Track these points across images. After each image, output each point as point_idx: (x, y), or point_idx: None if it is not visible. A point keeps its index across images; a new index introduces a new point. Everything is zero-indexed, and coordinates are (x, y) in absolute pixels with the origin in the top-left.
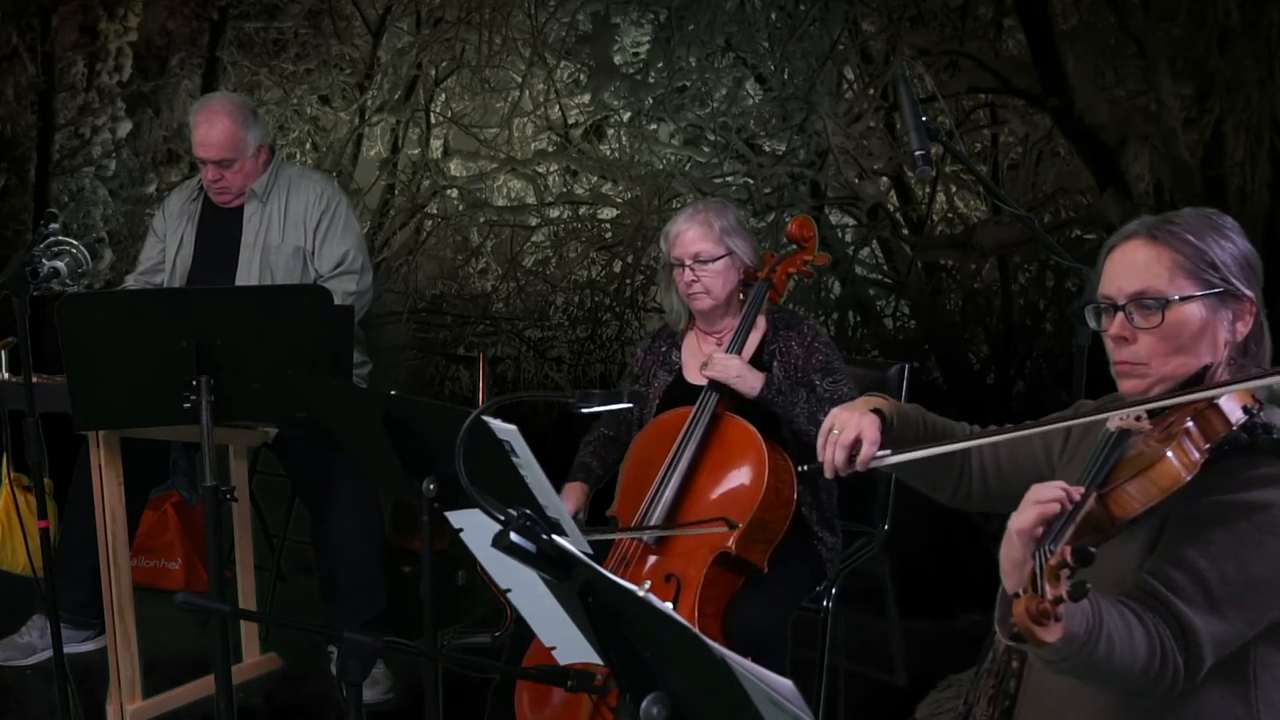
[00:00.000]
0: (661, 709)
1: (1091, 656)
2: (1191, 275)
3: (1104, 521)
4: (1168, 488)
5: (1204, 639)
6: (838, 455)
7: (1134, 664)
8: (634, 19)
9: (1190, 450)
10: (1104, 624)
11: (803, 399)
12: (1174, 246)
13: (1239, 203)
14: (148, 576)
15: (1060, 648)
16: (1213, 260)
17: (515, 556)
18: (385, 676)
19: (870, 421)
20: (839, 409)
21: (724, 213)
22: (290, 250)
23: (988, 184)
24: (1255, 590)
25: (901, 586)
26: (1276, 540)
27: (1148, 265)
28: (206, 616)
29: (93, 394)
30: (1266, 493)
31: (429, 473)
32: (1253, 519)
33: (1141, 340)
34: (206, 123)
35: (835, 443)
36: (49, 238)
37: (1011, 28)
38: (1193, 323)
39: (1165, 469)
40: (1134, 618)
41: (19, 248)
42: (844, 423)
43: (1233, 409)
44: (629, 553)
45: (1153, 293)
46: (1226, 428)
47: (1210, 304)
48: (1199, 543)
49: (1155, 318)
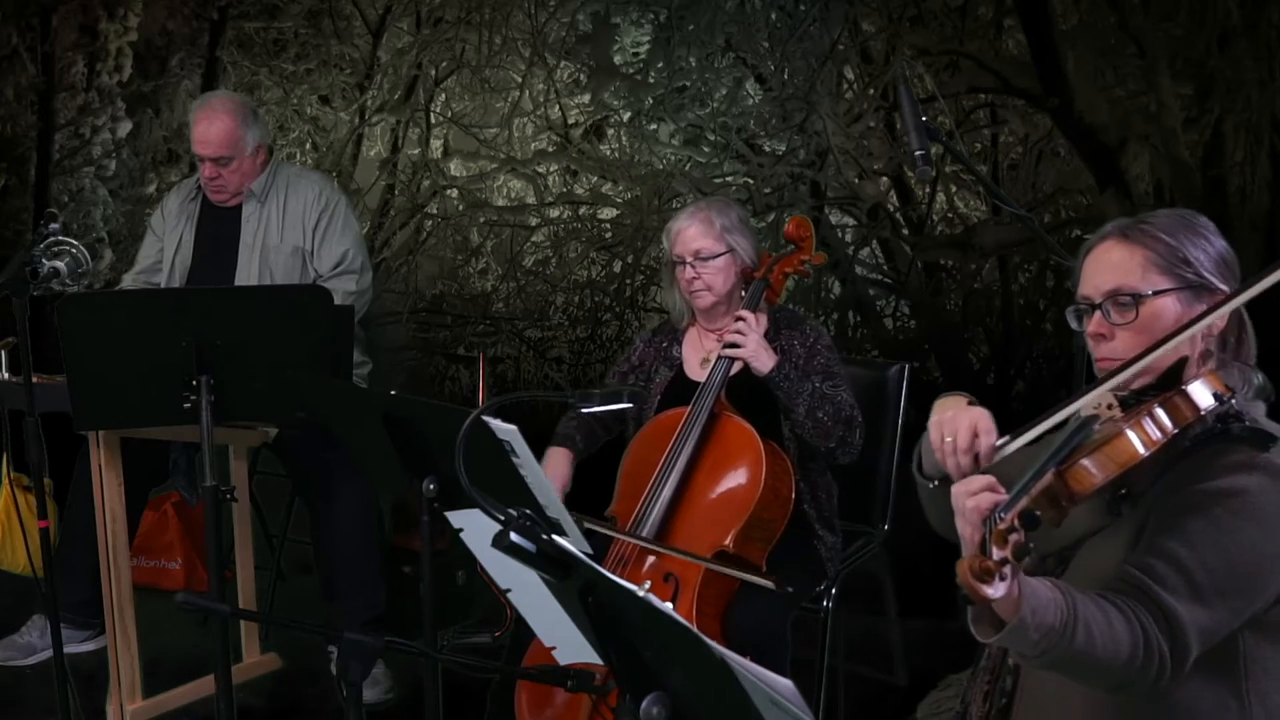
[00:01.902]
0: (661, 709)
1: (1070, 647)
2: (1164, 271)
3: (1062, 496)
4: (1124, 463)
5: (1189, 627)
6: (963, 462)
7: (1118, 654)
8: (634, 19)
9: (1151, 430)
10: (1079, 614)
11: (807, 390)
12: (1146, 244)
13: (1239, 203)
14: (148, 576)
15: (1037, 640)
16: (1185, 256)
17: (515, 556)
18: (385, 676)
19: (979, 413)
20: (935, 414)
21: (726, 211)
22: (289, 250)
23: (988, 184)
24: (1236, 577)
25: (901, 586)
26: (1252, 525)
27: (1121, 264)
28: (206, 616)
29: (93, 394)
30: (1240, 478)
31: (429, 473)
32: (1228, 505)
33: (1119, 336)
34: (206, 120)
35: (955, 450)
36: (49, 238)
37: (1011, 28)
38: (1167, 316)
39: (1122, 444)
40: (1113, 609)
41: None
42: (953, 426)
43: (1203, 395)
44: (628, 552)
45: (1127, 289)
46: (1195, 413)
47: (1184, 298)
48: (1178, 532)
49: (1130, 314)
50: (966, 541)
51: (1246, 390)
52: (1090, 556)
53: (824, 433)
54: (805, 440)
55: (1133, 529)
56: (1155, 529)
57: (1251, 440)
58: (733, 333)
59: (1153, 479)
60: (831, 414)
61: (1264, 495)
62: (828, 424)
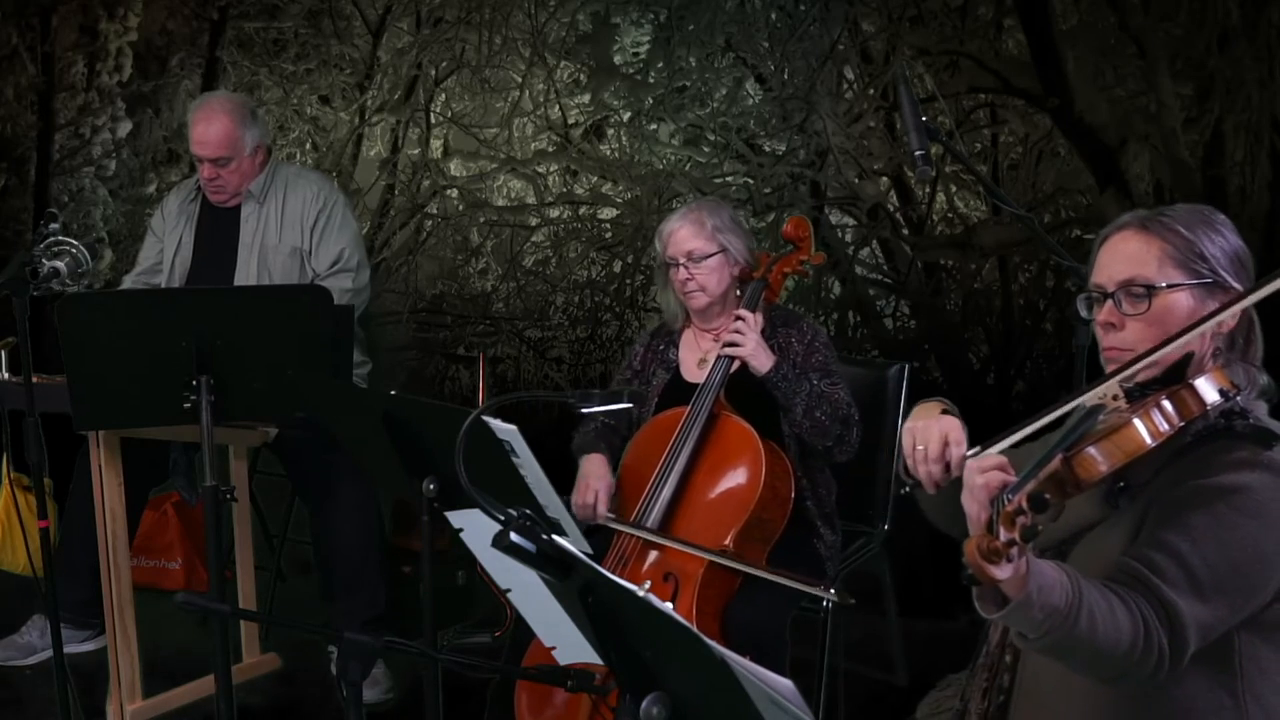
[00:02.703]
0: (661, 709)
1: (1073, 631)
2: (1180, 265)
3: (1068, 482)
4: (1131, 452)
5: (1188, 621)
6: (934, 470)
7: (1118, 643)
8: (634, 19)
9: (1159, 421)
10: (1084, 599)
11: (805, 390)
12: (1164, 237)
13: (1239, 203)
14: (148, 576)
15: (1041, 620)
16: (1202, 252)
17: (515, 556)
18: (385, 676)
19: (950, 423)
20: (910, 423)
21: (717, 211)
22: (288, 251)
23: (988, 184)
24: (1236, 573)
25: (901, 586)
26: (1254, 523)
27: (1137, 254)
28: (206, 616)
29: (93, 394)
30: (1243, 475)
31: (429, 473)
32: (1230, 502)
33: (1129, 327)
34: (205, 120)
35: (927, 459)
36: (49, 238)
37: (1011, 28)
38: (1179, 311)
39: (1129, 433)
40: (1116, 598)
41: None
42: (925, 435)
43: (1208, 390)
44: (627, 551)
45: (1141, 280)
46: (1201, 407)
47: (1198, 294)
48: (1180, 526)
49: (1143, 305)
50: (973, 520)
51: (1251, 389)
52: (1089, 549)
53: (822, 431)
54: (803, 438)
55: (1132, 522)
56: (1156, 522)
57: (1255, 438)
58: (732, 332)
59: (1152, 472)
60: (829, 413)
61: (1266, 492)
62: (825, 423)
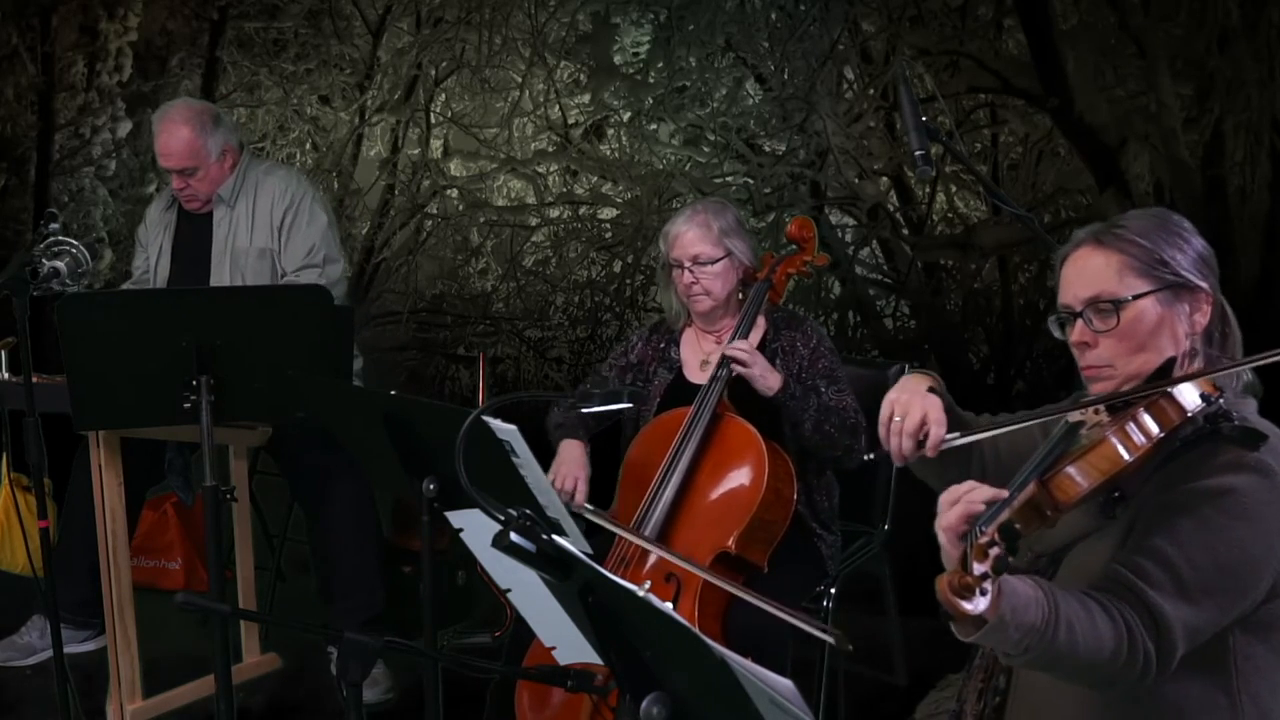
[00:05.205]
0: (661, 709)
1: (1052, 645)
2: (1142, 274)
3: (1046, 505)
4: (1108, 470)
5: (1174, 625)
6: (905, 444)
7: (1100, 652)
8: (634, 19)
9: (1135, 434)
10: (1060, 613)
11: (813, 405)
12: (1121, 249)
13: (1239, 203)
14: (148, 576)
15: (1018, 639)
16: (1161, 257)
17: (515, 556)
18: (385, 676)
19: (933, 402)
20: (893, 392)
21: (722, 213)
22: (256, 253)
23: (988, 184)
24: (1224, 576)
25: (901, 586)
26: (1241, 525)
27: (1099, 270)
28: (206, 616)
29: (93, 394)
30: (1230, 478)
31: (429, 473)
32: (1217, 504)
33: (1103, 343)
34: (165, 133)
35: (901, 431)
36: (49, 238)
37: (1011, 28)
38: (1149, 319)
39: (1105, 450)
40: (1096, 606)
41: (19, 248)
42: (905, 407)
43: (1189, 397)
44: (629, 552)
45: (1106, 295)
46: (1181, 415)
47: (1164, 299)
48: (1166, 530)
49: (1112, 320)
50: (948, 557)
51: (1236, 384)
52: (1082, 557)
53: (831, 443)
54: (807, 445)
55: (1122, 529)
56: (1144, 528)
57: (1242, 440)
58: (733, 355)
59: (1146, 481)
60: (838, 424)
61: (1254, 494)
62: (834, 435)
